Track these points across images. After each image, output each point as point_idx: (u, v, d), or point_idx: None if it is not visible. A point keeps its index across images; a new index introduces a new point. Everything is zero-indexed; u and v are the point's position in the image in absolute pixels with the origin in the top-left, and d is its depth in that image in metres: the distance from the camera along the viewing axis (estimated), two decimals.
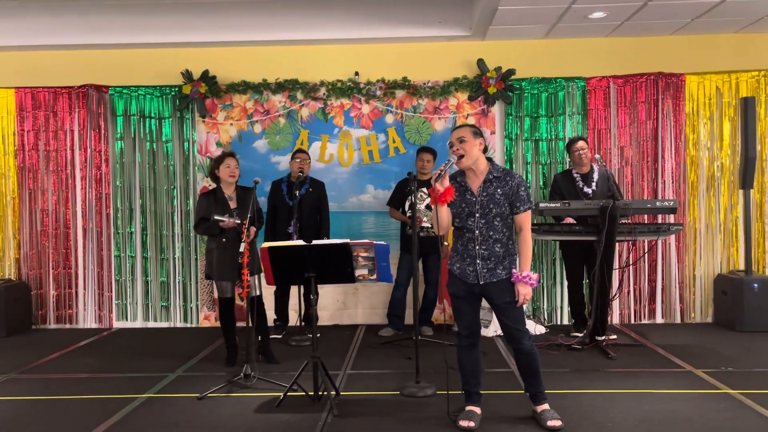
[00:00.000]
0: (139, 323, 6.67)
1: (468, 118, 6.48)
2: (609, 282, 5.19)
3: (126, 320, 6.66)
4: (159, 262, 6.63)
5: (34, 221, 6.66)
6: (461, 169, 3.60)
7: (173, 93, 6.59)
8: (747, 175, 5.97)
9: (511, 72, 6.38)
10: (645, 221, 6.17)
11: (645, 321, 6.44)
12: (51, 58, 6.67)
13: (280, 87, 6.55)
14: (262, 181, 5.37)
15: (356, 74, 6.55)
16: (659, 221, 6.23)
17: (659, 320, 6.44)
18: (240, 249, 4.41)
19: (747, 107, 5.94)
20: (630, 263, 6.31)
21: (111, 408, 4.07)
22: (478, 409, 3.72)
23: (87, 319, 6.69)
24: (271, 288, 5.83)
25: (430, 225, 5.78)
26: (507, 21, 5.86)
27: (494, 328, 5.82)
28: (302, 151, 6.00)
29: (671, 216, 6.11)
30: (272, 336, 5.49)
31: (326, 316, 6.55)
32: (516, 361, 3.72)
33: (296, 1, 6.27)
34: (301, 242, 4.08)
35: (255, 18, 6.36)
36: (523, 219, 3.54)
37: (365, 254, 4.05)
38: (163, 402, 4.21)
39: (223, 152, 5.19)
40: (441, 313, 6.46)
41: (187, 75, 6.50)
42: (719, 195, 6.44)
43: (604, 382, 4.44)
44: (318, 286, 5.22)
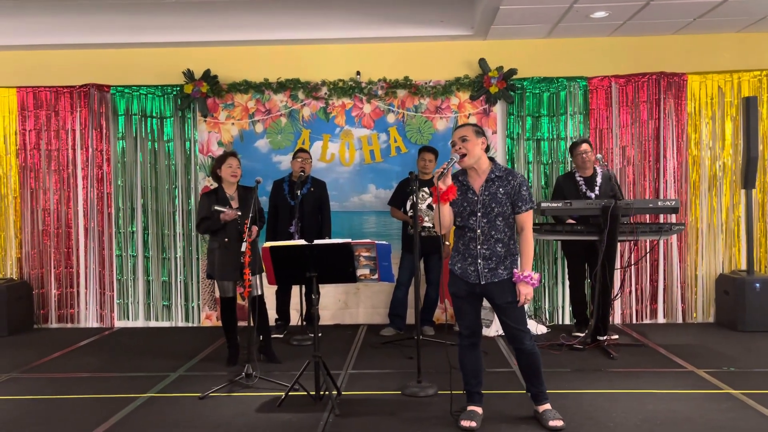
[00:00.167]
0: (141, 323, 6.67)
1: (469, 118, 6.48)
2: (611, 282, 5.18)
3: (127, 320, 6.67)
4: (160, 262, 6.63)
5: (36, 220, 6.66)
6: (463, 168, 3.60)
7: (175, 92, 6.59)
8: (749, 175, 5.96)
9: (513, 71, 6.37)
10: (647, 221, 6.16)
11: (647, 321, 6.43)
12: (52, 58, 6.67)
13: (282, 86, 6.55)
14: (264, 181, 5.37)
15: (358, 74, 6.54)
16: (661, 221, 6.22)
17: (661, 320, 6.44)
18: (241, 248, 4.41)
19: (749, 107, 5.93)
20: (632, 263, 6.30)
21: (112, 407, 4.07)
22: (480, 409, 3.71)
23: (88, 319, 6.69)
24: (273, 287, 5.83)
25: (432, 224, 5.78)
26: (509, 20, 5.85)
27: (496, 328, 5.82)
28: (304, 151, 6.00)
29: (673, 216, 6.10)
30: (273, 335, 5.48)
31: (328, 316, 6.55)
32: (517, 361, 3.72)
33: (298, 1, 6.26)
34: (303, 242, 4.09)
35: (256, 17, 6.35)
36: (525, 218, 3.54)
37: (367, 254, 4.05)
38: (165, 401, 4.21)
39: (225, 152, 5.19)
40: (442, 313, 6.46)
41: (189, 74, 6.50)
42: (721, 195, 6.43)
43: (606, 382, 4.44)
44: (319, 286, 5.23)
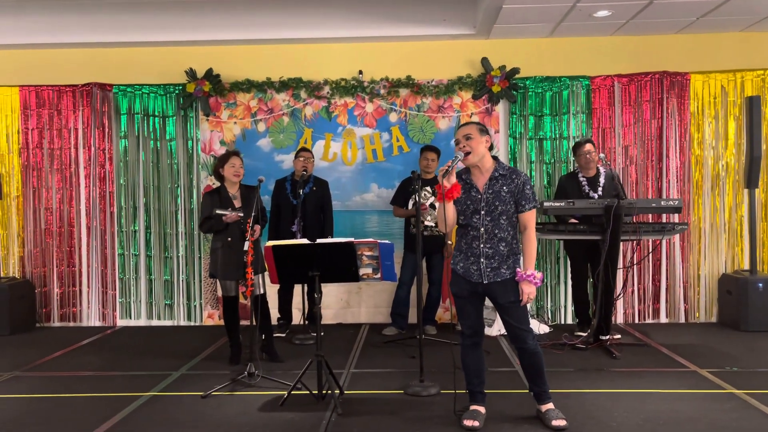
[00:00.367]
0: (143, 321, 6.67)
1: (472, 117, 6.47)
2: (613, 281, 5.17)
3: (130, 318, 6.67)
4: (163, 261, 6.64)
5: (38, 219, 6.67)
6: (467, 167, 3.60)
7: (177, 91, 6.60)
8: (752, 175, 5.95)
9: (516, 71, 6.36)
10: (649, 220, 6.15)
11: (649, 320, 6.42)
12: (55, 57, 6.67)
13: (284, 85, 6.55)
14: (266, 180, 5.36)
15: (360, 73, 6.54)
16: (664, 220, 6.21)
17: (663, 320, 6.43)
18: (244, 248, 4.41)
19: (752, 106, 5.92)
20: (634, 262, 6.30)
21: (115, 406, 4.07)
22: (483, 409, 3.71)
23: (91, 317, 6.70)
24: (275, 287, 5.83)
25: (434, 224, 5.78)
26: (511, 19, 5.84)
27: (498, 327, 5.81)
28: (306, 150, 5.99)
29: (676, 215, 6.09)
30: (276, 335, 5.48)
31: (329, 315, 6.55)
32: (520, 361, 3.71)
33: (300, 0, 6.26)
34: (306, 241, 4.08)
35: (259, 17, 6.36)
36: (528, 217, 3.54)
37: (369, 253, 4.05)
38: (167, 400, 4.21)
39: (228, 151, 5.19)
40: (445, 312, 6.46)
41: (191, 73, 6.50)
42: (724, 194, 6.42)
43: (609, 382, 4.43)
44: (321, 285, 5.21)
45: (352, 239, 4.05)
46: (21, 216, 6.70)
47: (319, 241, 4.05)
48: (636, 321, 6.42)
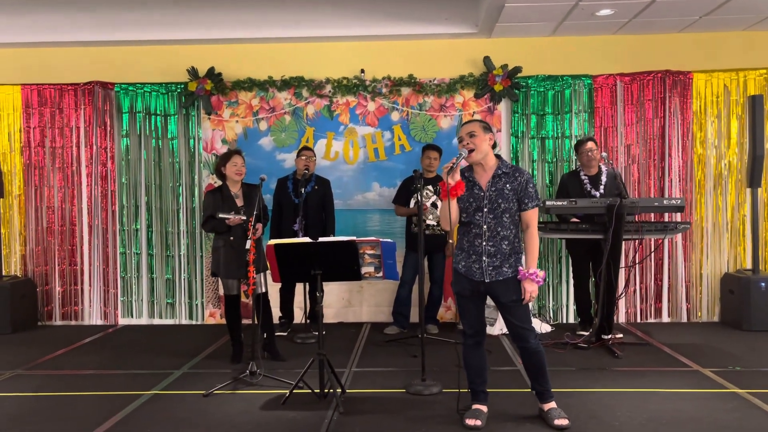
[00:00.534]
0: (145, 320, 6.67)
1: (474, 116, 6.46)
2: (615, 280, 5.16)
3: (131, 317, 6.67)
4: (164, 259, 6.64)
5: (40, 218, 6.67)
6: (470, 164, 3.60)
7: (179, 90, 6.59)
8: (754, 174, 5.94)
9: (518, 69, 6.36)
10: (651, 220, 6.14)
11: (651, 320, 6.42)
12: (57, 55, 6.67)
13: (286, 84, 6.54)
14: (268, 179, 5.36)
15: (362, 72, 6.53)
16: (666, 220, 6.20)
17: (665, 319, 6.42)
18: (246, 246, 4.41)
19: (755, 105, 5.91)
20: (636, 262, 6.29)
21: (117, 404, 4.07)
22: (485, 408, 3.71)
23: (92, 316, 6.70)
24: (277, 285, 5.83)
25: (436, 223, 5.77)
26: (514, 18, 5.83)
27: (500, 327, 5.80)
28: (308, 149, 5.99)
29: (678, 214, 6.07)
30: (277, 333, 5.48)
31: (331, 314, 6.55)
32: (522, 360, 3.70)
33: None
34: (308, 240, 4.08)
35: (261, 15, 6.35)
36: (531, 216, 3.53)
37: (371, 252, 4.05)
38: (169, 399, 4.21)
39: (230, 150, 5.18)
40: (446, 311, 6.45)
41: (193, 72, 6.50)
42: (726, 193, 6.41)
43: (611, 381, 4.43)
44: (323, 284, 5.22)
45: (354, 238, 4.05)
46: (23, 214, 6.70)
47: (321, 240, 4.05)
48: (638, 320, 6.41)
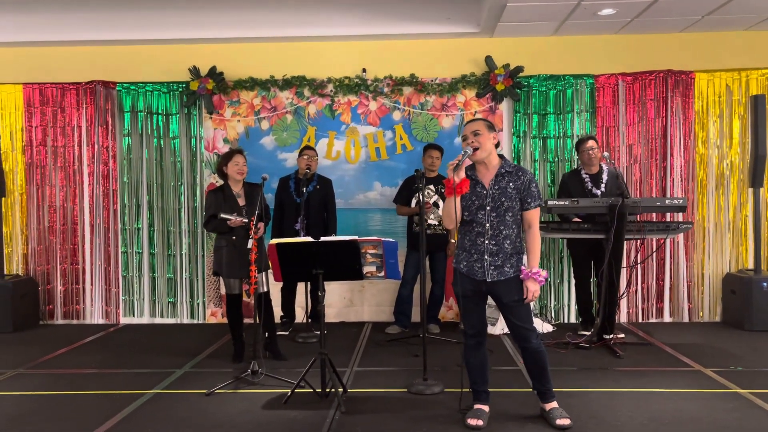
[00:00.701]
0: (146, 319, 6.68)
1: (476, 115, 6.46)
2: (617, 280, 5.16)
3: (133, 316, 6.68)
4: (166, 259, 6.64)
5: (42, 217, 6.67)
6: (472, 163, 3.60)
7: (180, 89, 6.59)
8: (757, 174, 5.94)
9: (520, 69, 6.35)
10: (653, 219, 6.14)
11: (653, 320, 6.41)
12: (59, 54, 6.67)
13: (288, 83, 6.54)
14: (269, 178, 5.36)
15: (363, 71, 6.53)
16: (668, 219, 6.19)
17: (667, 319, 6.41)
18: (248, 245, 4.41)
19: (757, 105, 5.90)
20: (638, 261, 6.28)
21: (118, 404, 4.08)
22: (487, 407, 3.71)
23: (94, 315, 6.70)
24: (278, 285, 5.83)
25: (437, 222, 5.77)
26: (516, 17, 5.83)
27: (501, 326, 5.80)
28: (310, 148, 5.98)
29: (680, 214, 6.07)
30: (279, 333, 5.48)
31: (332, 313, 6.55)
32: (523, 360, 3.70)
33: None
34: (310, 239, 4.07)
35: (262, 14, 6.35)
36: (533, 215, 3.54)
37: (373, 251, 4.04)
38: (171, 398, 4.21)
39: (231, 149, 5.18)
40: (448, 311, 6.45)
41: (195, 71, 6.50)
42: (728, 193, 6.40)
43: (612, 381, 4.42)
44: (325, 283, 5.23)
45: (356, 237, 4.04)
46: (24, 213, 6.70)
47: (323, 239, 4.04)
48: (639, 320, 6.41)
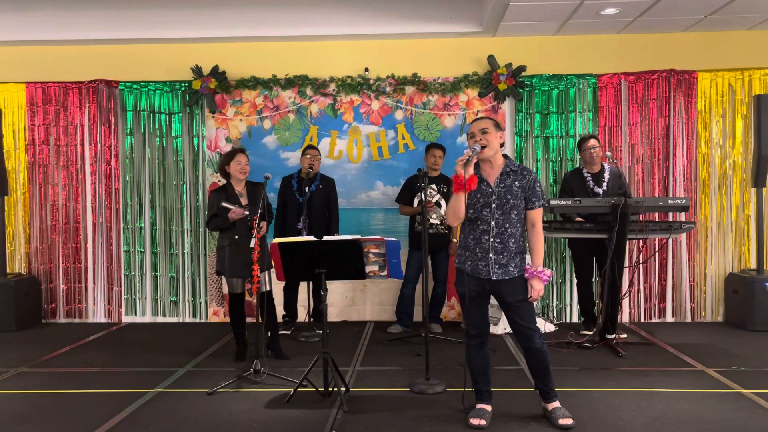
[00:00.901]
0: (148, 318, 6.68)
1: (478, 115, 6.45)
2: (620, 280, 5.15)
3: (135, 315, 6.68)
4: (168, 258, 6.64)
5: (45, 216, 6.68)
6: (476, 161, 3.59)
7: (183, 88, 6.60)
8: (759, 174, 5.93)
9: (522, 68, 6.35)
10: (655, 219, 6.13)
11: (655, 320, 6.41)
12: (61, 53, 6.68)
13: (290, 83, 6.54)
14: (272, 177, 5.35)
15: (366, 70, 6.53)
16: (670, 219, 6.18)
17: (669, 319, 6.41)
18: (250, 245, 4.41)
19: (760, 105, 5.89)
20: (640, 261, 6.28)
21: (121, 402, 4.08)
22: (489, 407, 3.71)
23: (96, 314, 6.71)
24: (280, 284, 5.83)
25: (439, 222, 5.77)
26: (518, 17, 5.83)
27: (503, 326, 5.80)
28: (312, 147, 5.98)
29: (682, 214, 6.07)
30: (281, 332, 5.48)
31: (334, 313, 6.55)
32: (526, 359, 3.70)
33: None
34: (312, 238, 4.07)
35: (265, 14, 6.36)
36: (536, 215, 3.54)
37: (376, 250, 4.04)
38: (173, 397, 4.22)
39: (234, 148, 5.18)
40: (450, 310, 6.45)
41: (197, 70, 6.50)
42: (731, 193, 6.39)
43: (615, 381, 4.42)
44: (327, 282, 5.23)
45: (359, 236, 4.04)
46: (27, 212, 6.71)
47: (326, 239, 4.05)
48: (642, 320, 6.40)
